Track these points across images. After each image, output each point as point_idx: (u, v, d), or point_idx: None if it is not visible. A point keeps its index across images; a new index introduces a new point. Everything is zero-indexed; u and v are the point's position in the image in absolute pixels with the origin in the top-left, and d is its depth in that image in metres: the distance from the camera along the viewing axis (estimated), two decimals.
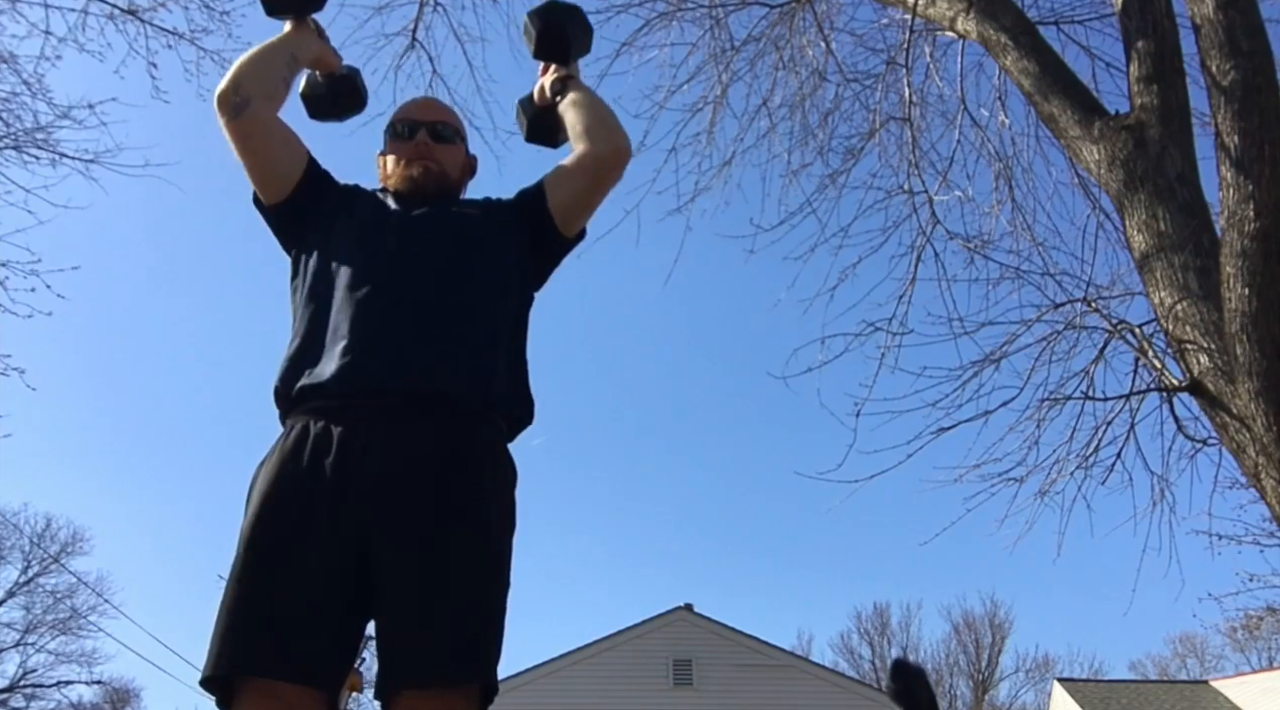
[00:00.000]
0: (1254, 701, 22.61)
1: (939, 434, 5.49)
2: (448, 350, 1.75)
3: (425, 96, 2.23)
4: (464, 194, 2.11)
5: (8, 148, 7.64)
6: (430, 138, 2.04)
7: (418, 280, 1.81)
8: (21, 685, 27.94)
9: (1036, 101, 4.57)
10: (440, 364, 1.73)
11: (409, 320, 1.76)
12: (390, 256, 1.84)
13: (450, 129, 2.08)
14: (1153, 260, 3.99)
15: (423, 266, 1.83)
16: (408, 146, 2.03)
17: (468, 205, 2.03)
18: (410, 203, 1.97)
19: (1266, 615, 11.33)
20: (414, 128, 2.04)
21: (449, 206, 1.98)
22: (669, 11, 6.77)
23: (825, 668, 19.91)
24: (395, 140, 2.06)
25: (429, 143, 2.03)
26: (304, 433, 1.69)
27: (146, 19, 6.99)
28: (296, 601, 1.55)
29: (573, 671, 16.87)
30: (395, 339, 1.73)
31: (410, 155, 2.01)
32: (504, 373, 1.82)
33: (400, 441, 1.66)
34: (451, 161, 2.05)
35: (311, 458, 1.65)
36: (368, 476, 1.62)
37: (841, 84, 6.81)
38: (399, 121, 2.07)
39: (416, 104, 2.14)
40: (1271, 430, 3.50)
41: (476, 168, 2.18)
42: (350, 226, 1.90)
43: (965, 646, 38.41)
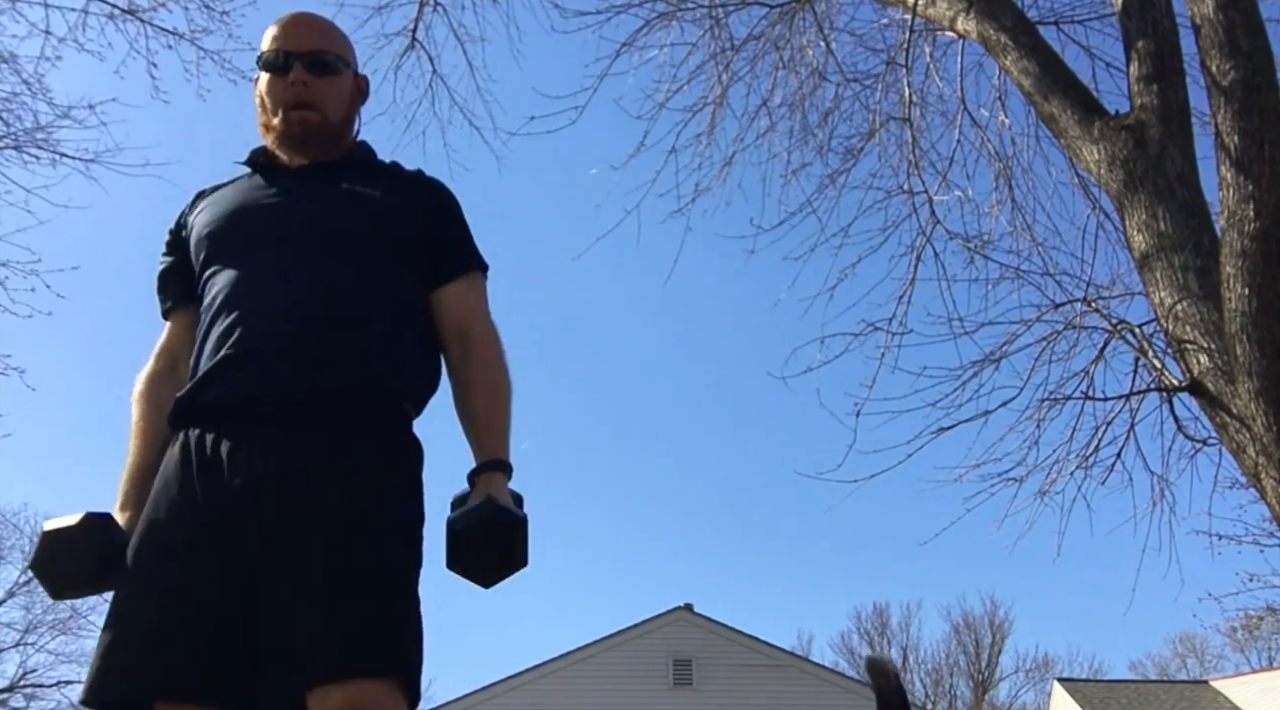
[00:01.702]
0: (1254, 701, 22.61)
1: (939, 434, 5.50)
2: (326, 346, 1.60)
3: (299, 13, 1.84)
4: (358, 126, 1.88)
5: (8, 148, 7.65)
6: (308, 72, 1.75)
7: (291, 276, 1.64)
8: (21, 685, 27.96)
9: (1036, 101, 4.57)
10: (319, 361, 1.59)
11: (282, 318, 1.61)
12: (260, 253, 1.67)
13: (332, 57, 1.78)
14: (1153, 260, 3.99)
15: (297, 259, 1.65)
16: (281, 86, 1.75)
17: (365, 179, 1.78)
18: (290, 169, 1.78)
19: (1266, 615, 11.33)
20: (287, 61, 1.75)
21: (339, 181, 1.76)
22: (669, 11, 6.77)
23: (825, 668, 19.92)
24: (268, 74, 1.77)
25: (306, 80, 1.74)
26: (183, 447, 1.58)
27: (146, 19, 6.99)
28: (182, 620, 1.45)
29: (573, 671, 16.86)
30: (268, 340, 1.60)
31: (286, 100, 1.74)
32: (392, 356, 1.66)
33: (279, 445, 1.53)
34: (335, 99, 1.78)
35: (186, 473, 1.54)
36: (243, 485, 1.50)
37: (841, 84, 6.82)
38: (271, 51, 1.77)
39: (287, 26, 1.80)
40: (1271, 430, 3.50)
41: (369, 89, 1.90)
42: (217, 233, 1.73)
43: (965, 646, 38.40)
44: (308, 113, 1.75)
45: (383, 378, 1.64)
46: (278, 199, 1.74)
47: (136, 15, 6.99)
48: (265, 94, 1.78)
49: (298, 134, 1.75)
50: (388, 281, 1.70)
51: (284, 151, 1.79)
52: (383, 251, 1.72)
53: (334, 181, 1.76)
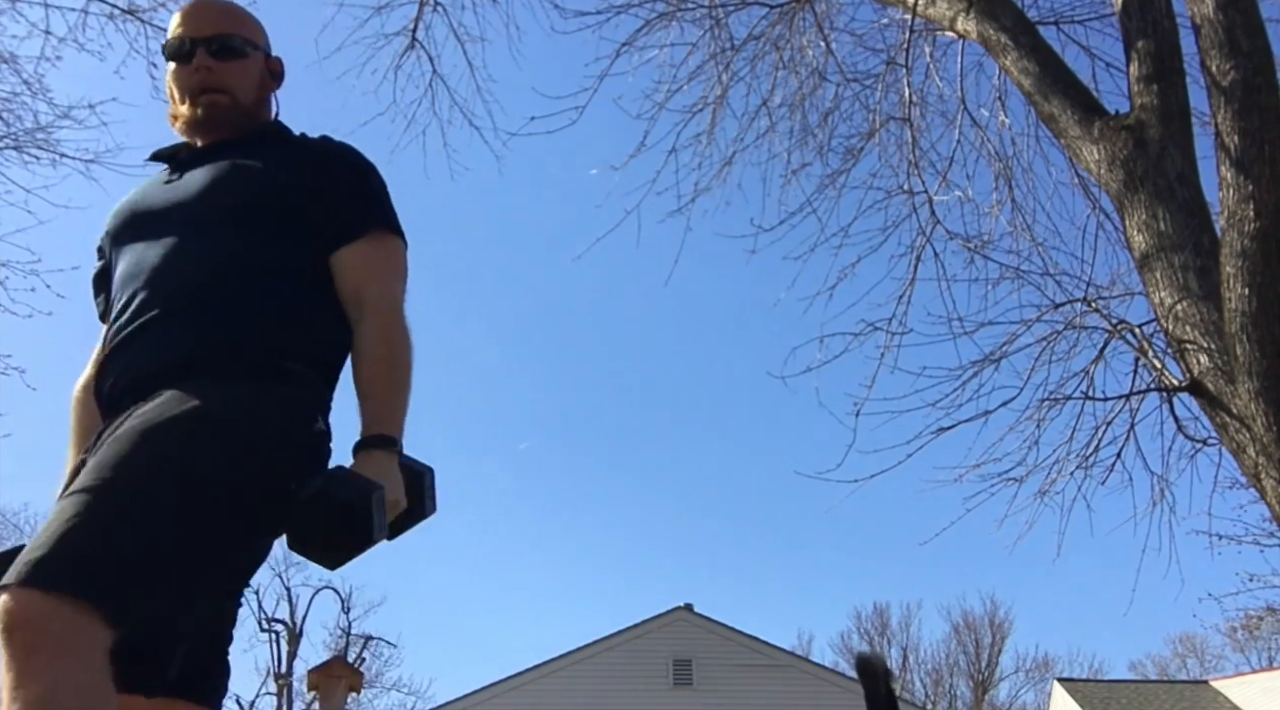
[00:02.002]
0: (1254, 701, 22.61)
1: (939, 434, 5.49)
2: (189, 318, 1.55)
3: (195, 1, 1.80)
4: (274, 109, 1.84)
5: (8, 148, 7.65)
6: (212, 57, 1.71)
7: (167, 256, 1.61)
8: None
9: (1036, 101, 4.57)
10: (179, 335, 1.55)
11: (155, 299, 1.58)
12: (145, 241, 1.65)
13: (237, 40, 1.75)
14: (1153, 260, 3.99)
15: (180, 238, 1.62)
16: (187, 73, 1.72)
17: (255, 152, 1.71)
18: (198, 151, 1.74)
19: (1266, 615, 11.34)
20: (190, 47, 1.72)
21: (235, 156, 1.70)
22: (669, 12, 6.77)
23: (825, 668, 19.92)
24: (174, 63, 1.74)
25: (210, 66, 1.71)
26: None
27: (146, 19, 6.99)
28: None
29: (573, 671, 16.87)
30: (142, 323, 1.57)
31: (192, 86, 1.71)
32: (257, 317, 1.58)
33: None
34: (244, 82, 1.75)
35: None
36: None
37: (841, 84, 6.82)
38: (173, 39, 1.73)
39: (188, 12, 1.76)
40: (1271, 430, 3.50)
41: (283, 72, 1.86)
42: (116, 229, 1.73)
43: (965, 646, 38.40)
44: (216, 96, 1.72)
45: (238, 339, 1.55)
46: (171, 184, 1.71)
47: (136, 15, 6.99)
48: (173, 83, 1.75)
49: (205, 119, 1.72)
50: (266, 247, 1.63)
51: (194, 137, 1.76)
52: (261, 218, 1.65)
53: (226, 157, 1.71)
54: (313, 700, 18.15)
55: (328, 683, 10.66)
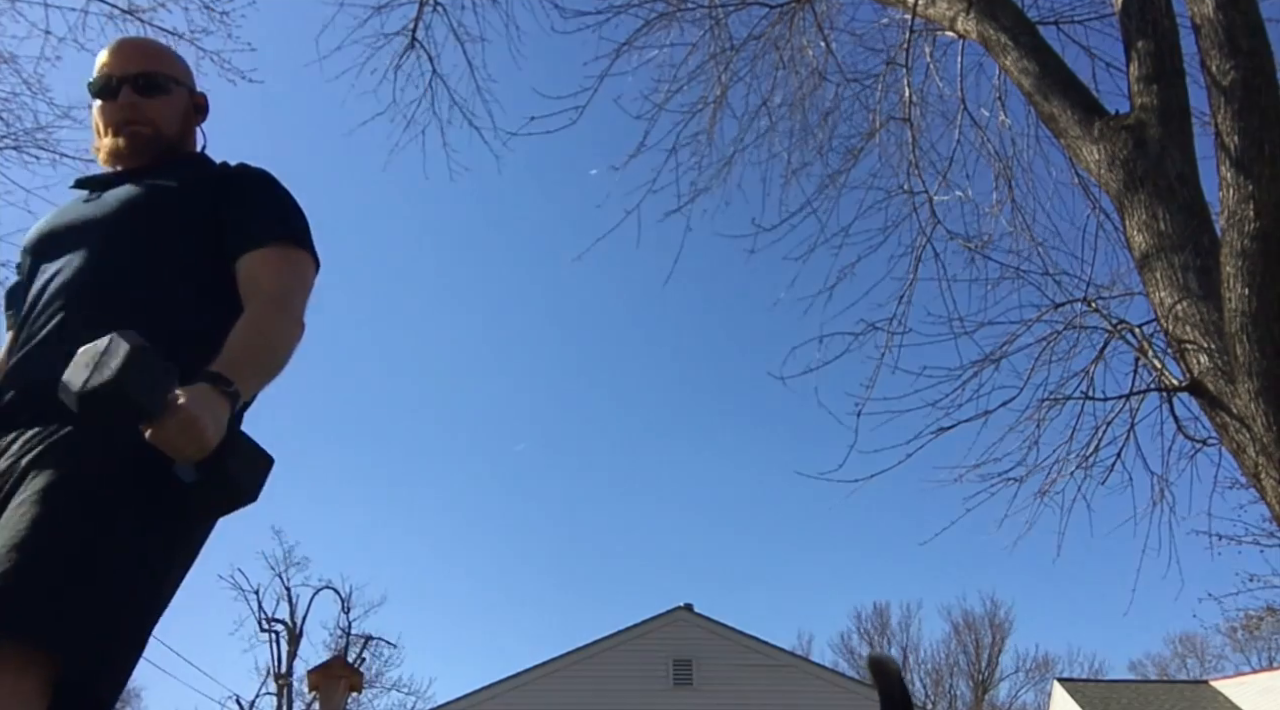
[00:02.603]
0: (1254, 701, 22.61)
1: (939, 434, 5.49)
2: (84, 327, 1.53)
3: (124, 39, 1.90)
4: (201, 142, 1.88)
5: (8, 148, 7.67)
6: (136, 93, 1.78)
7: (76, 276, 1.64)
8: None
9: (1036, 101, 4.57)
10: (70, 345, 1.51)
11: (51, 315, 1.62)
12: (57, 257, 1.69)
13: (161, 77, 1.80)
14: (1153, 260, 3.99)
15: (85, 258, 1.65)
16: (112, 108, 1.78)
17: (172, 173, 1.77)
18: (117, 174, 1.78)
19: (1266, 615, 11.34)
20: (114, 85, 1.78)
21: (142, 179, 1.75)
22: (669, 12, 6.77)
23: (825, 668, 19.93)
24: (99, 100, 1.80)
25: (135, 102, 1.78)
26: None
27: (146, 19, 7.01)
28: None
29: (573, 671, 16.87)
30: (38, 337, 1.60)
31: (117, 120, 1.78)
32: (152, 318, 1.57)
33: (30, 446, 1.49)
34: (167, 115, 1.80)
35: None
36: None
37: (841, 84, 6.82)
38: (99, 77, 1.79)
39: (114, 53, 1.82)
40: (1271, 430, 3.50)
41: (208, 106, 1.90)
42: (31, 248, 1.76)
43: (965, 646, 38.43)
44: (139, 128, 1.78)
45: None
46: (88, 203, 1.76)
47: (136, 15, 7.00)
48: (99, 118, 1.81)
49: (128, 149, 1.78)
50: (160, 254, 1.66)
51: (115, 165, 1.81)
52: (160, 228, 1.68)
53: (142, 180, 1.76)
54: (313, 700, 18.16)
55: (328, 683, 10.66)
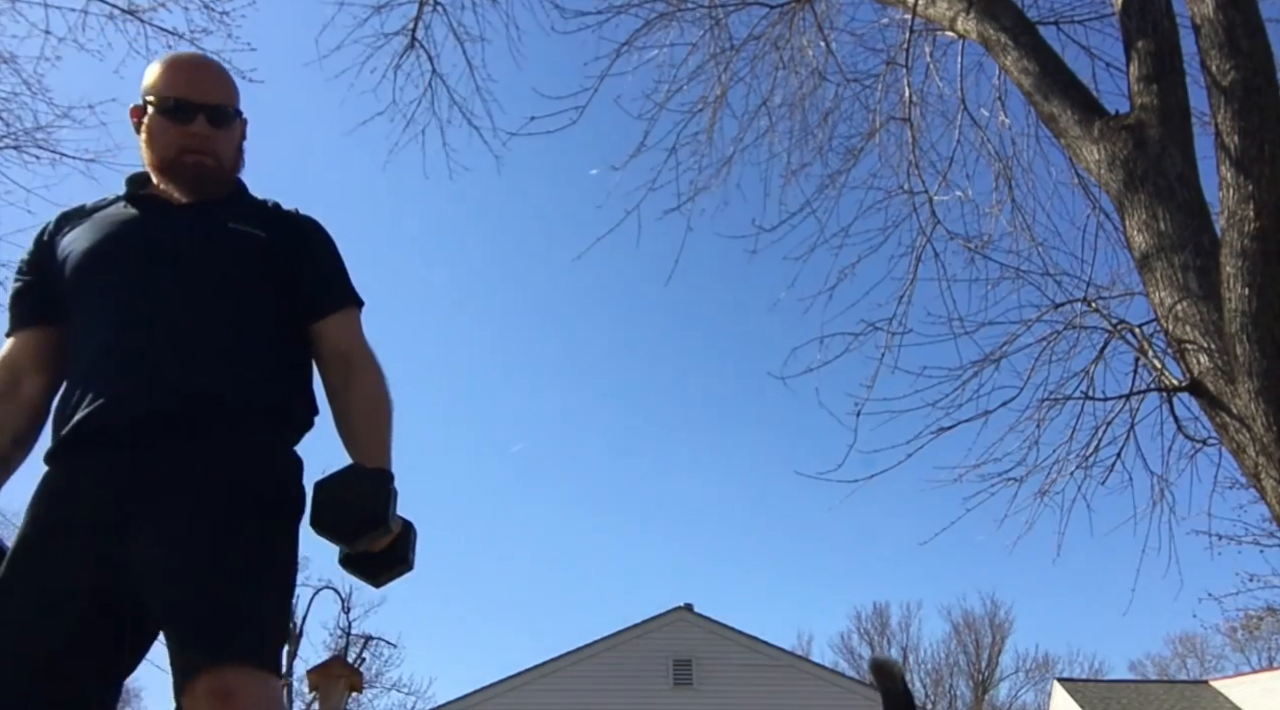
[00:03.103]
0: (1254, 701, 22.61)
1: (939, 434, 5.49)
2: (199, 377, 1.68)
3: (198, 61, 1.92)
4: (241, 166, 1.95)
5: (8, 148, 7.66)
6: (210, 125, 1.81)
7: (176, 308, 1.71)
8: None
9: (1036, 101, 4.57)
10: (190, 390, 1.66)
11: (157, 343, 1.68)
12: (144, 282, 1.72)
13: (231, 110, 1.85)
14: (1153, 260, 3.98)
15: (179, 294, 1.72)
16: (179, 132, 1.80)
17: (249, 218, 1.85)
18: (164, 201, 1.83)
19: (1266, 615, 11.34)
20: (189, 112, 1.79)
21: (225, 218, 1.82)
22: (669, 12, 6.77)
23: (825, 668, 19.92)
24: (163, 117, 1.81)
25: (208, 134, 1.81)
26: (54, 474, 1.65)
27: (146, 19, 7.00)
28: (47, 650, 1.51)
29: (573, 671, 16.87)
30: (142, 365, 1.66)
31: (183, 146, 1.80)
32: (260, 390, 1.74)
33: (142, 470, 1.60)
34: (228, 149, 1.86)
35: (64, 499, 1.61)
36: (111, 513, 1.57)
37: (841, 84, 6.82)
38: (171, 97, 1.80)
39: (192, 78, 1.84)
40: (1271, 430, 3.49)
41: (246, 129, 1.96)
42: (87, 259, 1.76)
43: (965, 646, 38.42)
44: (204, 158, 1.81)
45: (248, 404, 1.71)
46: (165, 234, 1.78)
47: (136, 15, 7.00)
48: (159, 134, 1.82)
49: (192, 177, 1.82)
50: (263, 317, 1.79)
51: (174, 189, 1.84)
52: (261, 288, 1.80)
53: (220, 219, 1.82)
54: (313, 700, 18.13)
55: (327, 683, 10.66)
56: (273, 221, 1.87)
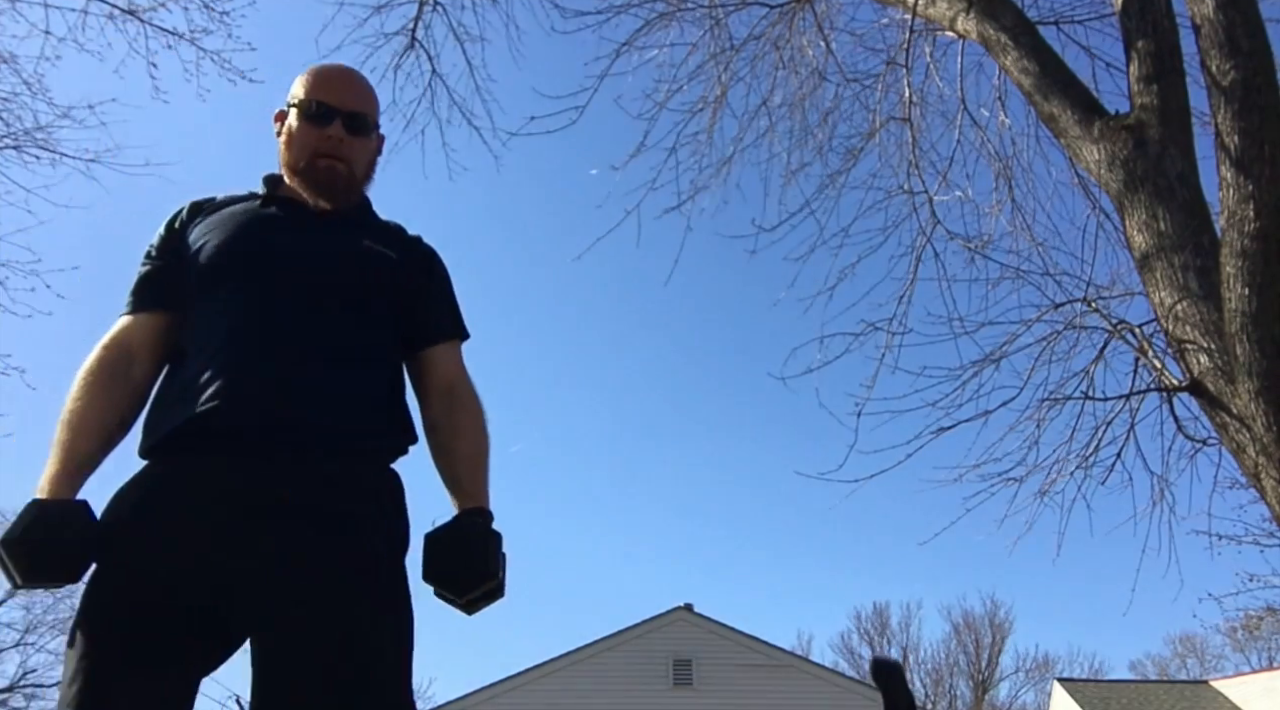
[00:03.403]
0: (1254, 701, 22.61)
1: (939, 434, 5.49)
2: (329, 393, 1.67)
3: (343, 70, 1.95)
4: (371, 180, 1.98)
5: (8, 148, 7.66)
6: (345, 130, 1.84)
7: (305, 318, 1.71)
8: (21, 685, 27.94)
9: (1036, 101, 4.57)
10: (320, 406, 1.66)
11: (296, 360, 1.67)
12: (277, 288, 1.72)
13: (369, 122, 1.89)
14: (1153, 260, 3.98)
15: (315, 304, 1.72)
16: (317, 135, 1.83)
17: (380, 237, 1.87)
18: (302, 205, 1.85)
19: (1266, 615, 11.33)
20: (328, 114, 1.84)
21: (360, 234, 1.84)
22: (669, 12, 6.78)
23: (825, 668, 19.90)
24: (303, 120, 1.85)
25: (343, 137, 1.84)
26: (178, 470, 1.61)
27: (146, 19, 7.00)
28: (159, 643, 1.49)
29: (573, 671, 16.87)
30: (280, 380, 1.65)
31: (319, 149, 1.83)
32: (383, 412, 1.76)
33: (274, 481, 1.59)
34: (361, 158, 1.89)
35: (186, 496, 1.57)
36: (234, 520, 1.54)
37: (841, 84, 6.82)
38: (312, 99, 1.85)
39: (334, 83, 1.89)
40: (1271, 430, 3.49)
41: (383, 147, 2.01)
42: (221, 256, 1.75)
43: (965, 646, 38.41)
44: (337, 163, 1.84)
45: (372, 428, 1.72)
46: (301, 241, 1.80)
47: (136, 15, 7.00)
48: (298, 136, 1.86)
49: (324, 180, 1.84)
50: (385, 338, 1.81)
51: (306, 192, 1.86)
52: (383, 308, 1.82)
53: (356, 236, 1.85)
54: None
55: None
56: (401, 244, 1.91)
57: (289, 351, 1.67)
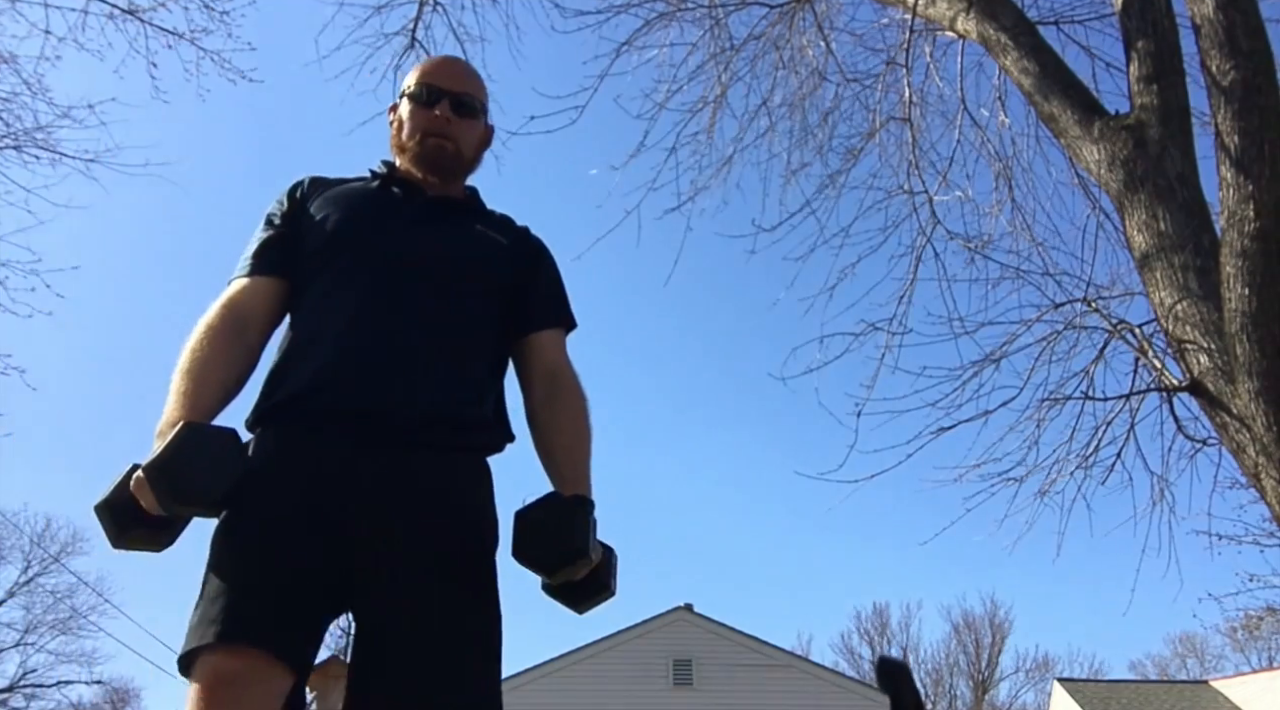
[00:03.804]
0: (1254, 701, 22.62)
1: (939, 434, 5.49)
2: (449, 378, 1.71)
3: (451, 58, 2.06)
4: (478, 166, 2.01)
5: (8, 148, 7.66)
6: (452, 110, 1.89)
7: (421, 302, 1.74)
8: (21, 685, 27.95)
9: (1036, 101, 4.57)
10: (442, 391, 1.69)
11: (417, 342, 1.70)
12: (392, 271, 1.75)
13: (476, 102, 1.93)
14: (1153, 260, 3.98)
15: (428, 287, 1.75)
16: (425, 116, 1.88)
17: (491, 225, 1.92)
18: (416, 185, 1.88)
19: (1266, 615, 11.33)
20: (436, 96, 1.89)
21: (471, 221, 1.89)
22: (669, 11, 6.78)
23: (825, 668, 19.91)
24: (413, 104, 1.91)
25: (449, 118, 1.88)
26: (299, 443, 1.63)
27: (146, 19, 7.01)
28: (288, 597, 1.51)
29: (573, 671, 16.87)
30: (392, 362, 1.67)
31: (427, 128, 1.88)
32: (488, 402, 1.79)
33: (388, 465, 1.62)
34: (470, 139, 1.92)
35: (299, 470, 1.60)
36: (354, 496, 1.58)
37: (841, 84, 6.82)
38: (421, 84, 1.91)
39: (441, 67, 1.96)
40: (1271, 430, 3.49)
41: (492, 137, 2.05)
42: (339, 235, 1.79)
43: (965, 646, 38.43)
44: (445, 141, 1.88)
45: (480, 417, 1.75)
46: (416, 223, 1.83)
47: (136, 15, 7.00)
48: (406, 119, 1.91)
49: (433, 157, 1.87)
50: (493, 324, 1.84)
51: (417, 170, 1.90)
52: (496, 295, 1.85)
53: (468, 222, 1.89)
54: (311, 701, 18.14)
55: (325, 683, 10.63)
56: (512, 233, 1.95)
57: (410, 334, 1.70)
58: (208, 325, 1.73)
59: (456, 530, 1.63)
